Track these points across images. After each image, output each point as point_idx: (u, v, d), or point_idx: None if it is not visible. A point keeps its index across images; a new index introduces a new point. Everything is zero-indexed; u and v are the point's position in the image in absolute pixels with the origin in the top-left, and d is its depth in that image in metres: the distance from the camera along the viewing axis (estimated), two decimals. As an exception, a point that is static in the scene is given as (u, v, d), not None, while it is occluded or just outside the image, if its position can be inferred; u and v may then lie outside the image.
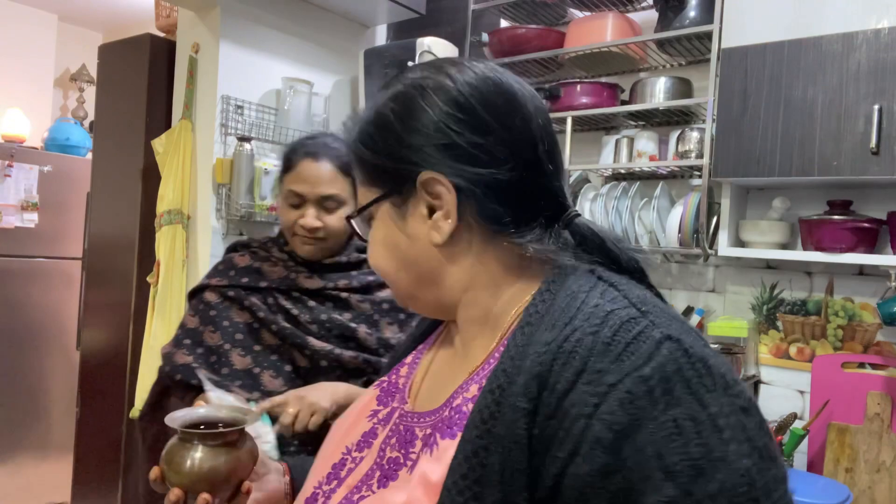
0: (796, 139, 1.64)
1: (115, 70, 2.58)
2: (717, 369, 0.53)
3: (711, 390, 0.52)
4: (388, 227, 0.67)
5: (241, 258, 1.45)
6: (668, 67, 2.20)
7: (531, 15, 2.37)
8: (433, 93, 0.63)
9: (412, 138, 0.63)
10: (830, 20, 1.62)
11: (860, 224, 1.72)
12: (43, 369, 3.42)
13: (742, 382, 0.55)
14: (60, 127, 3.62)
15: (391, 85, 0.67)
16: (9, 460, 3.29)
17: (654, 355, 0.52)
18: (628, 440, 0.50)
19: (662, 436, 0.50)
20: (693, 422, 0.50)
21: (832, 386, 1.85)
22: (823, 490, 1.59)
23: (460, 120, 0.62)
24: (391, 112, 0.65)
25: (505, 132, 0.63)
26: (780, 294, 1.99)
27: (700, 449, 0.49)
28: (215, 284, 1.41)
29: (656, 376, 0.51)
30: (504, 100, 0.64)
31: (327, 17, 2.64)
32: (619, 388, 0.51)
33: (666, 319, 0.56)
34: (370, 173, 0.67)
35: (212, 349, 1.35)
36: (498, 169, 0.62)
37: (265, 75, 2.41)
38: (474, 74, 0.65)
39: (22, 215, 3.30)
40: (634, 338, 0.53)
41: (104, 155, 2.61)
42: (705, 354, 0.54)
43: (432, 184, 0.62)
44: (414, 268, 0.66)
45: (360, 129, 0.68)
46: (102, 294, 2.58)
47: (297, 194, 1.35)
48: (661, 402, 0.51)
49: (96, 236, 2.63)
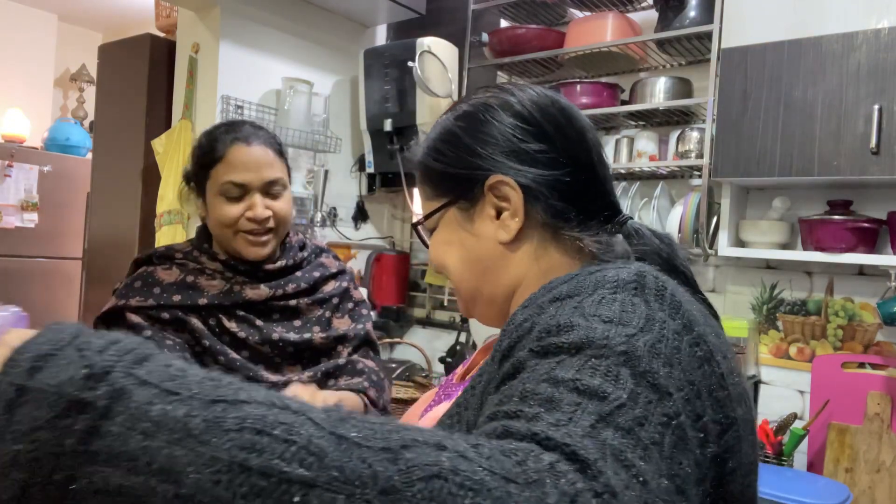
0: (796, 139, 1.64)
1: (115, 70, 2.59)
2: (677, 307, 0.54)
3: (658, 307, 0.53)
4: (454, 229, 0.74)
5: (165, 272, 1.24)
6: (668, 67, 2.20)
7: (531, 15, 2.37)
8: (499, 108, 0.71)
9: (480, 148, 0.70)
10: (830, 20, 1.62)
11: (860, 224, 1.72)
12: (43, 369, 3.42)
13: (697, 331, 0.54)
14: (60, 127, 3.62)
15: (455, 108, 0.76)
16: (9, 460, 3.29)
17: (622, 267, 0.58)
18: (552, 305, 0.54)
19: (572, 306, 0.53)
20: (611, 299, 0.53)
21: (832, 386, 1.85)
22: (823, 490, 1.59)
23: (523, 129, 0.70)
24: (458, 129, 0.73)
25: (563, 140, 0.71)
26: (780, 294, 1.99)
27: (585, 315, 0.51)
28: (137, 305, 1.19)
29: (611, 280, 0.55)
30: (561, 113, 0.72)
31: (327, 17, 2.64)
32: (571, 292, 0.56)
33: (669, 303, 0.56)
34: (437, 184, 0.74)
35: None
36: (559, 171, 0.69)
37: (265, 75, 2.41)
38: (534, 93, 0.73)
39: (22, 215, 3.30)
40: (617, 266, 0.58)
41: (104, 155, 2.61)
42: (678, 293, 0.56)
43: (500, 186, 0.69)
44: (478, 265, 0.73)
45: (429, 147, 0.75)
46: (102, 294, 2.58)
47: (238, 185, 1.21)
48: (597, 288, 0.54)
49: (96, 236, 2.63)
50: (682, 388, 0.49)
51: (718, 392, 0.53)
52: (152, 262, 1.27)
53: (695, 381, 0.51)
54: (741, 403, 0.57)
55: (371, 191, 2.74)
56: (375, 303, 2.73)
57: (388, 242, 2.86)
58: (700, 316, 0.58)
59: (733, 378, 0.57)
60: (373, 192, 2.74)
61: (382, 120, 2.47)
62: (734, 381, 0.57)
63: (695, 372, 0.51)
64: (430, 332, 2.78)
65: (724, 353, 0.58)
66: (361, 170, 2.72)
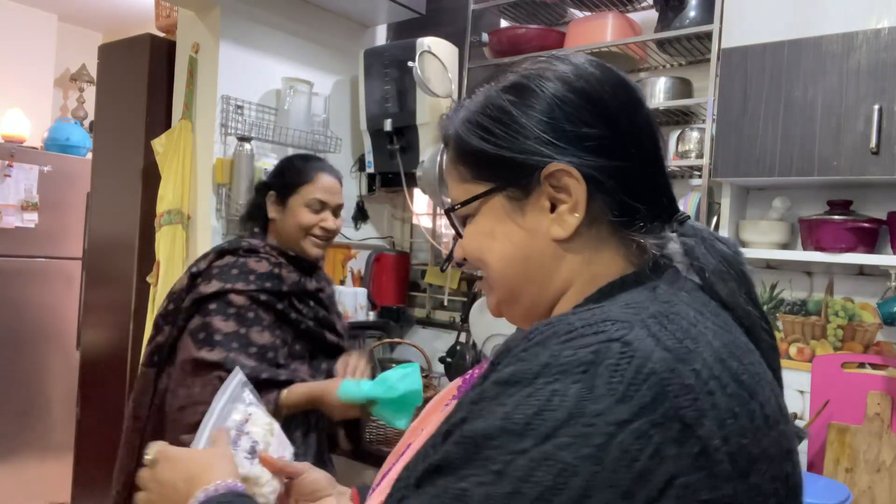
0: (796, 139, 1.64)
1: (115, 70, 2.58)
2: (646, 381, 0.45)
3: (606, 391, 0.45)
4: (500, 220, 0.63)
5: (257, 263, 1.60)
6: (668, 67, 2.20)
7: (531, 15, 2.37)
8: (557, 81, 0.60)
9: (536, 128, 0.59)
10: (830, 20, 1.61)
11: (860, 224, 1.71)
12: (43, 369, 3.42)
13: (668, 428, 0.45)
14: (60, 127, 3.62)
15: (500, 77, 0.64)
16: (9, 460, 3.29)
17: (587, 344, 0.48)
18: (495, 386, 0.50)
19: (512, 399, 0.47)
20: (548, 401, 0.46)
21: (832, 386, 1.85)
22: (823, 490, 1.59)
23: (588, 109, 0.59)
24: (509, 103, 0.61)
25: (629, 124, 0.61)
26: (780, 294, 1.99)
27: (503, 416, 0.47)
28: (242, 289, 1.55)
29: (569, 356, 0.47)
30: (626, 92, 0.62)
31: (327, 17, 2.64)
32: (532, 351, 0.50)
33: (662, 346, 0.48)
34: (480, 166, 0.64)
35: (265, 347, 1.54)
36: (625, 161, 0.59)
37: (265, 75, 2.41)
38: (594, 65, 0.62)
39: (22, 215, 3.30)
40: (594, 332, 0.49)
41: (104, 155, 2.61)
42: (656, 361, 0.46)
43: (560, 176, 0.59)
44: (525, 263, 0.62)
45: (470, 121, 0.64)
46: (102, 294, 2.58)
47: (321, 202, 1.64)
48: (538, 375, 0.47)
49: (96, 236, 2.63)
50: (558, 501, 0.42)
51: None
52: (239, 253, 1.62)
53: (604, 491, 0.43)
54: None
55: (371, 191, 2.74)
56: (375, 303, 2.73)
57: (388, 242, 2.86)
58: (730, 389, 0.48)
59: (761, 472, 0.46)
60: (373, 192, 2.74)
61: (382, 120, 2.47)
62: (758, 476, 0.46)
63: (641, 482, 0.43)
64: (430, 332, 2.78)
65: (757, 448, 0.47)
66: (361, 170, 2.72)
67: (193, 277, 1.61)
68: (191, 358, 1.51)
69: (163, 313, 1.62)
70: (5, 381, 3.27)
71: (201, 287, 1.58)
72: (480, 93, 0.64)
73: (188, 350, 1.53)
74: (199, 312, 1.56)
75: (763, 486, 0.46)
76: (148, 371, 1.61)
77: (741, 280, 0.59)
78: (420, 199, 2.69)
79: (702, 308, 0.55)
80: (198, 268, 1.63)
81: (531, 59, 0.65)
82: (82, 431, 2.65)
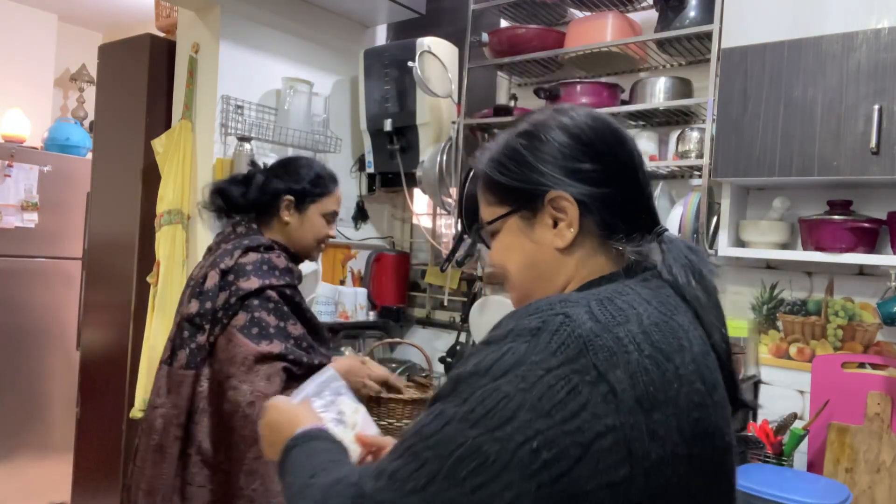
0: (796, 139, 1.64)
1: (115, 70, 2.59)
2: (572, 342, 0.64)
3: (544, 348, 0.64)
4: (515, 235, 0.83)
5: (278, 259, 1.66)
6: (668, 67, 2.20)
7: (531, 15, 2.37)
8: (558, 129, 0.81)
9: (541, 165, 0.80)
10: (830, 20, 1.61)
11: (860, 224, 1.71)
12: (43, 369, 3.42)
13: (585, 377, 0.63)
14: (60, 127, 3.62)
15: (517, 125, 0.85)
16: (9, 460, 3.29)
17: (539, 317, 0.67)
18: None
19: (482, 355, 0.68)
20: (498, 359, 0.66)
21: (832, 386, 1.85)
22: (823, 490, 1.59)
23: (580, 150, 0.80)
24: (521, 146, 0.82)
25: (614, 160, 0.81)
26: (780, 294, 1.99)
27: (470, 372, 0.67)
28: (276, 284, 1.61)
29: (524, 324, 0.67)
30: (613, 135, 0.82)
31: (327, 17, 2.64)
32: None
33: (594, 320, 0.67)
34: (501, 194, 0.84)
35: (300, 338, 1.61)
36: (610, 188, 0.79)
37: (265, 75, 2.41)
38: (588, 115, 0.83)
39: (22, 215, 3.30)
40: (548, 308, 0.69)
41: (104, 155, 2.61)
42: (584, 330, 0.65)
43: (558, 201, 0.79)
44: (535, 267, 0.82)
45: (493, 159, 0.84)
46: (102, 294, 2.58)
47: (335, 213, 1.76)
48: (504, 338, 0.67)
49: (96, 236, 2.63)
50: (496, 417, 0.63)
51: (585, 427, 0.62)
52: (261, 250, 1.65)
53: (531, 416, 0.62)
54: (672, 436, 0.65)
55: (371, 191, 2.74)
56: (375, 303, 2.73)
57: (388, 242, 2.86)
58: (646, 352, 0.67)
59: (670, 411, 0.66)
60: (373, 192, 2.74)
61: (382, 120, 2.47)
62: (670, 413, 0.65)
63: (557, 409, 0.62)
64: (430, 332, 2.78)
65: (662, 395, 0.66)
66: (361, 170, 2.72)
67: (224, 274, 1.59)
68: (252, 353, 1.51)
69: (200, 312, 1.57)
70: (5, 381, 3.26)
71: (241, 283, 1.57)
72: (501, 137, 0.85)
73: (244, 346, 1.52)
74: (242, 309, 1.56)
75: (667, 422, 0.65)
76: (190, 374, 1.56)
77: (700, 279, 0.78)
78: (420, 199, 2.69)
79: (651, 298, 0.73)
80: (226, 265, 1.60)
81: (539, 111, 0.86)
82: (82, 431, 2.65)
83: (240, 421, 1.50)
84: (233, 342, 1.53)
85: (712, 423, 0.69)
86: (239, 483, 1.51)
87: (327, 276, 2.62)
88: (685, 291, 0.77)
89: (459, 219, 2.27)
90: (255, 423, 1.47)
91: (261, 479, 1.51)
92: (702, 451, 0.67)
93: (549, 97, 2.11)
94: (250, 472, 1.51)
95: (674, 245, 0.79)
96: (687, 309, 0.76)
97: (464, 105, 2.30)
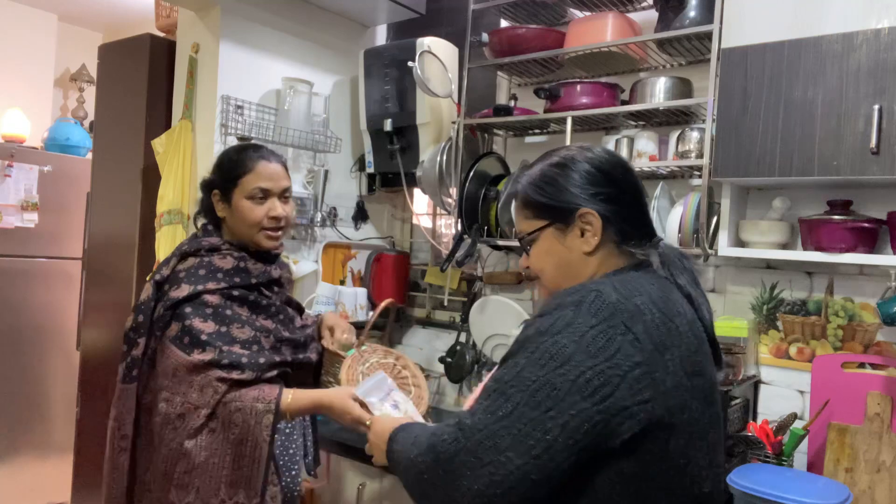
0: (796, 139, 1.64)
1: (115, 70, 2.59)
2: (605, 308, 0.93)
3: (586, 312, 0.93)
4: (551, 243, 1.10)
5: (222, 261, 1.59)
6: (668, 67, 2.20)
7: (531, 15, 2.37)
8: (584, 161, 1.09)
9: (573, 188, 1.07)
10: (830, 20, 1.61)
11: (860, 224, 1.71)
12: (43, 369, 3.42)
13: (621, 338, 0.92)
14: (60, 127, 3.62)
15: (549, 157, 1.12)
16: (9, 460, 3.29)
17: (578, 294, 0.97)
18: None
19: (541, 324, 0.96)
20: (551, 327, 0.94)
21: (832, 386, 1.85)
22: (823, 490, 1.59)
23: (601, 177, 1.08)
24: (555, 174, 1.09)
25: (625, 184, 1.09)
26: (780, 294, 1.99)
27: (532, 335, 0.96)
28: (214, 288, 1.54)
29: (569, 300, 0.96)
30: (622, 167, 1.12)
31: (327, 17, 2.64)
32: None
33: (617, 294, 0.96)
34: (539, 211, 1.10)
35: (248, 342, 1.54)
36: (622, 207, 1.08)
37: (265, 75, 2.41)
38: (604, 151, 1.12)
39: (22, 215, 3.30)
40: (584, 289, 0.98)
41: (104, 155, 2.61)
42: (612, 300, 0.94)
43: (587, 215, 1.06)
44: (568, 267, 1.09)
45: (531, 184, 1.11)
46: (102, 294, 2.58)
47: (264, 190, 1.59)
48: (555, 308, 0.96)
49: (96, 236, 2.63)
50: (558, 360, 0.91)
51: (637, 368, 0.91)
52: (201, 254, 1.59)
53: (591, 361, 0.90)
54: (683, 376, 0.95)
55: (371, 191, 2.74)
56: (375, 303, 2.73)
57: (388, 242, 2.86)
58: (656, 314, 0.96)
59: (675, 360, 0.95)
60: (373, 192, 2.74)
61: (382, 120, 2.47)
62: (676, 359, 0.95)
63: (600, 352, 0.90)
64: (430, 332, 2.78)
65: (670, 343, 0.95)
66: (361, 170, 2.72)
67: (159, 286, 1.57)
68: (182, 364, 1.48)
69: (133, 327, 1.55)
70: (5, 381, 3.26)
71: (171, 293, 1.53)
72: (536, 167, 1.12)
73: (175, 357, 1.49)
74: (174, 319, 1.52)
75: (674, 360, 0.94)
76: (128, 388, 1.55)
77: (690, 275, 1.10)
78: (420, 199, 2.69)
79: (653, 281, 1.03)
80: (161, 275, 1.58)
81: (566, 148, 1.13)
82: (82, 431, 2.65)
83: (169, 434, 1.47)
84: (164, 353, 1.51)
85: (703, 365, 1.01)
86: (170, 497, 1.46)
87: (327, 276, 2.62)
88: (678, 280, 1.07)
89: (459, 219, 2.27)
90: (183, 435, 1.45)
91: (195, 493, 1.45)
92: (697, 383, 0.98)
93: (549, 97, 2.11)
94: (182, 486, 1.45)
95: (667, 250, 1.10)
96: (678, 292, 1.05)
97: (464, 105, 2.30)
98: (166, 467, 1.47)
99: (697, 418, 0.96)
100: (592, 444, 0.88)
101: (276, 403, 1.48)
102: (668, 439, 0.92)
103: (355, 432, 1.52)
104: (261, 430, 1.45)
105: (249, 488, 1.46)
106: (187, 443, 1.45)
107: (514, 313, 2.35)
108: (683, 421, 0.93)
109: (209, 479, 1.45)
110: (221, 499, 1.45)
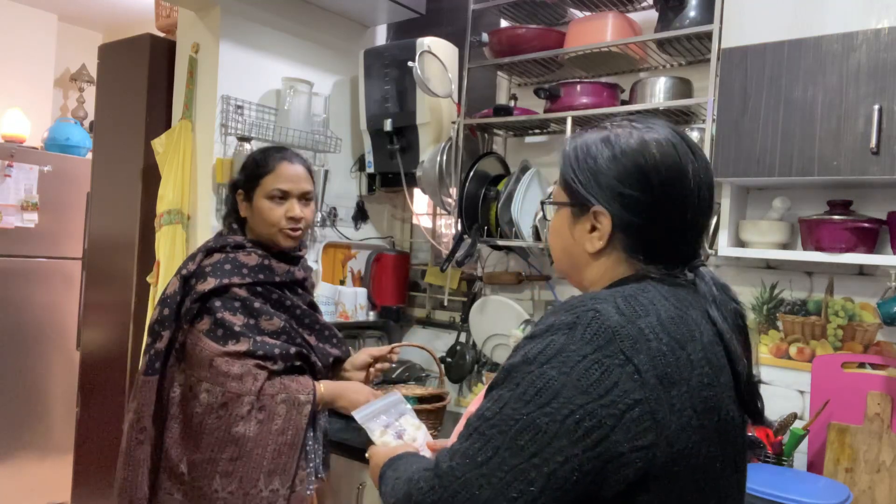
0: (796, 139, 1.64)
1: (115, 70, 2.59)
2: (603, 332, 0.78)
3: (580, 339, 0.78)
4: (564, 222, 0.96)
5: (246, 257, 1.63)
6: (668, 67, 2.20)
7: (531, 15, 2.37)
8: (629, 151, 0.89)
9: (601, 179, 0.90)
10: (830, 20, 1.61)
11: (860, 224, 1.71)
12: (43, 369, 3.42)
13: (614, 365, 0.76)
14: (60, 127, 3.62)
15: (604, 129, 0.93)
16: (9, 460, 3.29)
17: (574, 312, 0.81)
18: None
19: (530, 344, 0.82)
20: (545, 348, 0.79)
21: (832, 386, 1.85)
22: (823, 490, 1.59)
23: (635, 177, 0.88)
24: (594, 153, 0.91)
25: (661, 194, 0.88)
26: (780, 294, 1.99)
27: (520, 360, 0.81)
28: (240, 283, 1.58)
29: (563, 319, 0.81)
30: (672, 170, 0.89)
31: (327, 17, 2.64)
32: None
33: (619, 314, 0.80)
34: (565, 184, 0.96)
35: (278, 332, 1.60)
36: (646, 219, 0.88)
37: (265, 75, 2.41)
38: (661, 142, 0.89)
39: (22, 215, 3.30)
40: (581, 305, 0.82)
41: (104, 155, 2.61)
42: (612, 323, 0.78)
43: (599, 215, 0.90)
44: (570, 257, 0.97)
45: (573, 151, 0.95)
46: (102, 294, 2.58)
47: (283, 191, 1.63)
48: (545, 332, 0.81)
49: (96, 236, 2.63)
50: (544, 396, 0.77)
51: (626, 399, 0.76)
52: (227, 250, 1.62)
53: (576, 395, 0.75)
54: (685, 413, 0.78)
55: (371, 191, 2.74)
56: (375, 303, 2.73)
57: (388, 242, 2.86)
58: (664, 340, 0.80)
59: (686, 392, 0.79)
60: (373, 192, 2.74)
61: (382, 120, 2.47)
62: (685, 393, 0.79)
63: (594, 387, 0.76)
64: (430, 332, 2.78)
65: (678, 376, 0.79)
66: (361, 170, 2.72)
67: (186, 280, 1.59)
68: (218, 354, 1.51)
69: (158, 319, 1.57)
70: (5, 381, 3.27)
71: (198, 286, 1.56)
72: (591, 134, 0.94)
73: (210, 349, 1.52)
74: (205, 313, 1.55)
75: (682, 397, 0.78)
76: (150, 380, 1.55)
77: (734, 316, 0.93)
78: (420, 199, 2.69)
79: (669, 295, 0.86)
80: (188, 270, 1.60)
81: (629, 121, 0.94)
82: (82, 431, 2.65)
83: (213, 422, 1.50)
84: (199, 346, 1.54)
85: (719, 400, 0.83)
86: (213, 486, 1.49)
87: (327, 276, 2.62)
88: (711, 313, 0.89)
89: (459, 219, 2.27)
90: (229, 423, 1.49)
91: (238, 482, 1.49)
92: (710, 423, 0.81)
93: (549, 97, 2.11)
94: (226, 474, 1.49)
95: (704, 279, 0.91)
96: (697, 308, 0.88)
97: (464, 105, 2.30)
98: (212, 454, 1.50)
99: (705, 465, 0.81)
100: (582, 496, 0.76)
101: (314, 394, 1.56)
102: (669, 490, 0.78)
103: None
104: (301, 420, 1.54)
105: (285, 475, 1.52)
106: (235, 429, 1.49)
107: (514, 313, 2.35)
108: (689, 468, 0.79)
109: (252, 468, 1.50)
110: (259, 488, 1.50)
